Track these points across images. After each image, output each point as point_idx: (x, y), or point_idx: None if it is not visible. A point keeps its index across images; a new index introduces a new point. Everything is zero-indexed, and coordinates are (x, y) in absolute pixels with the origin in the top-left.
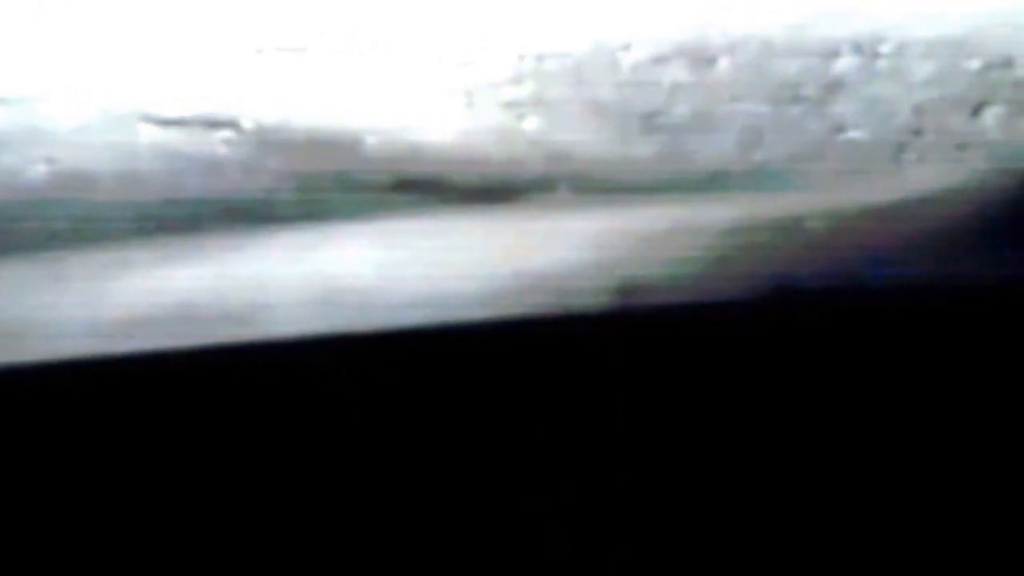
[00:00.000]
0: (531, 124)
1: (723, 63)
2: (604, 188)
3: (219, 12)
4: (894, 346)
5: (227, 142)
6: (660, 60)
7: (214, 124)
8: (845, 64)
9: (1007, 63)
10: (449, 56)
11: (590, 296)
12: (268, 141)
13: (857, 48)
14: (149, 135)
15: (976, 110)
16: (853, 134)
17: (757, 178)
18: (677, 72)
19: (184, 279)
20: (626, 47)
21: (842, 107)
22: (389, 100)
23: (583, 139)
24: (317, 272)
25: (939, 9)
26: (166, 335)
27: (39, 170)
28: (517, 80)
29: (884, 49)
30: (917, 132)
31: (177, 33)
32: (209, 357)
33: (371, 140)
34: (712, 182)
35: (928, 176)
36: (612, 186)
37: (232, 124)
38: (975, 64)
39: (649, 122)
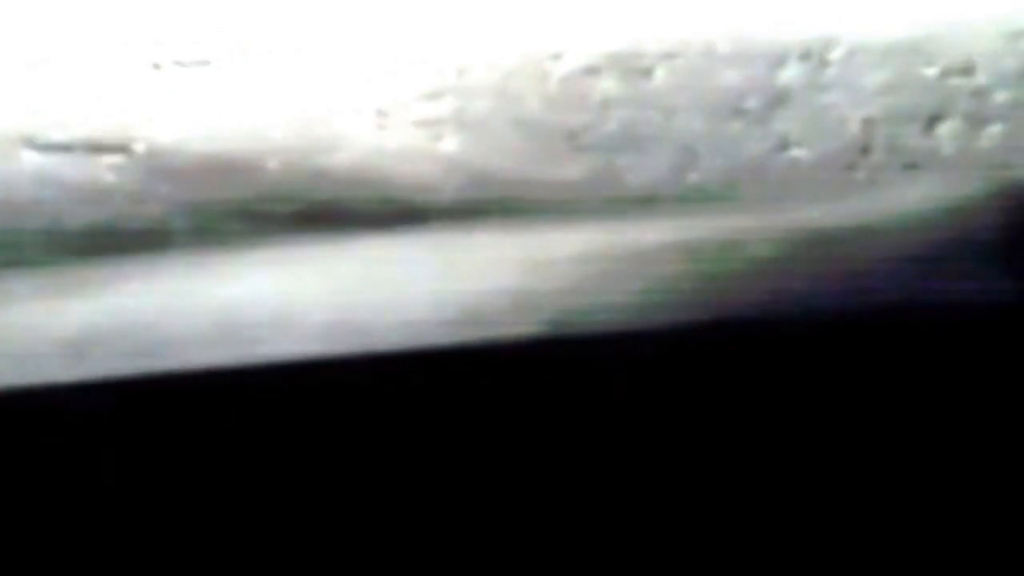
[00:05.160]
0: (450, 145)
1: (660, 74)
2: (529, 211)
3: (110, 23)
4: (836, 373)
5: (115, 168)
6: (592, 71)
7: (102, 149)
8: (791, 73)
9: (966, 70)
10: (361, 71)
11: (515, 325)
12: (161, 167)
13: (805, 55)
14: (31, 162)
15: (930, 124)
16: (797, 152)
17: (694, 199)
18: (610, 84)
19: (70, 312)
20: (556, 57)
21: (786, 122)
22: (296, 119)
23: (506, 158)
24: (216, 302)
25: (894, 11)
26: (56, 369)
27: None
28: (435, 96)
29: (834, 56)
30: (865, 149)
31: (63, 48)
32: (101, 391)
33: (274, 164)
34: (646, 204)
35: (877, 196)
36: (538, 208)
37: (122, 148)
38: (931, 72)
39: (579, 140)
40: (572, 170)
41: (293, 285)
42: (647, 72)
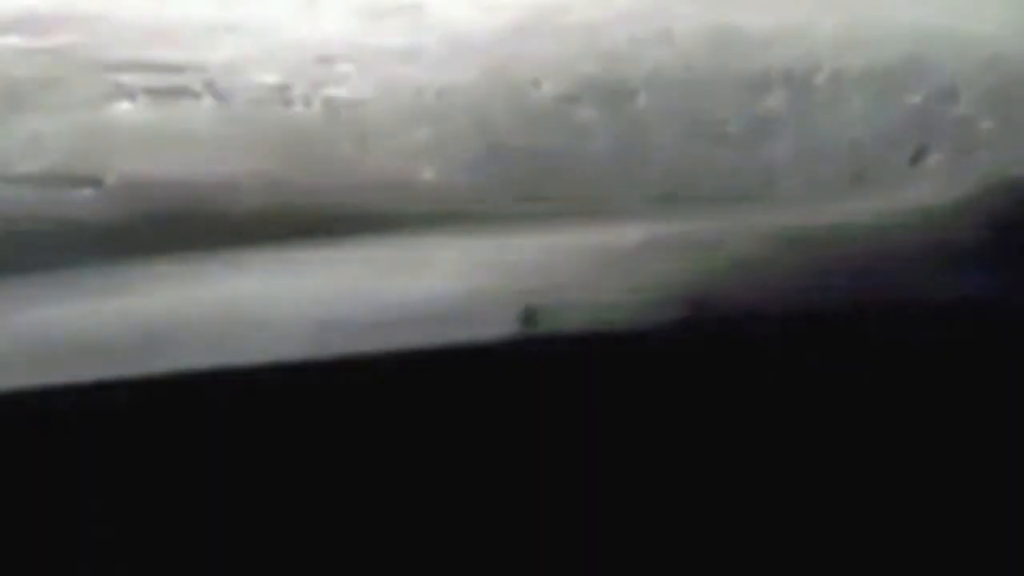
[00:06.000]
0: (428, 173)
1: (641, 99)
2: (503, 217)
3: (80, 50)
4: (822, 374)
5: (87, 200)
6: (571, 98)
7: (72, 181)
8: (774, 100)
9: (950, 96)
10: (341, 94)
11: (489, 326)
12: (133, 199)
13: (788, 80)
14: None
15: (915, 158)
16: (783, 181)
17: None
18: (589, 111)
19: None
20: (535, 83)
21: (770, 151)
22: (273, 146)
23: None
24: (196, 304)
25: (877, 33)
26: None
27: None
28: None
29: (818, 80)
30: (854, 179)
31: (29, 71)
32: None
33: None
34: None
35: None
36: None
37: (93, 181)
38: (915, 98)
39: (558, 167)
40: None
41: (275, 291)
42: (629, 97)
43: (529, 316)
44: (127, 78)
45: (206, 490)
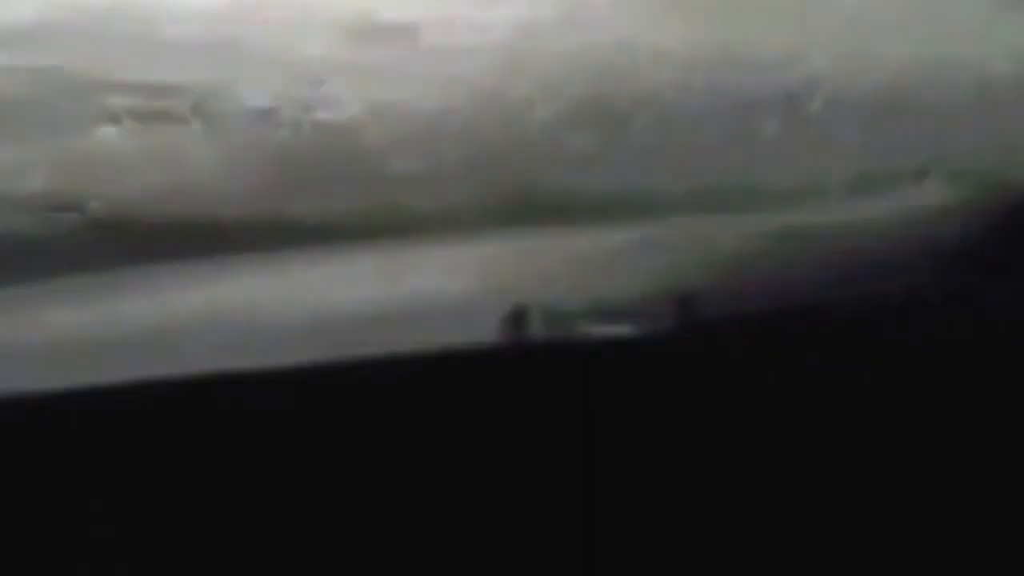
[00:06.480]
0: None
1: (637, 123)
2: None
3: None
4: (821, 373)
5: (68, 227)
6: (562, 121)
7: (55, 207)
8: (770, 127)
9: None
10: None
11: (478, 329)
12: (118, 227)
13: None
14: None
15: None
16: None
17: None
18: (580, 138)
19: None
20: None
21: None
22: (260, 172)
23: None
24: (191, 308)
25: (873, 56)
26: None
27: None
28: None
29: (814, 106)
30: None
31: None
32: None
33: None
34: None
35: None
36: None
37: (76, 207)
38: (912, 125)
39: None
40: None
41: (255, 293)
42: (623, 122)
43: (519, 318)
44: (113, 100)
45: (200, 494)
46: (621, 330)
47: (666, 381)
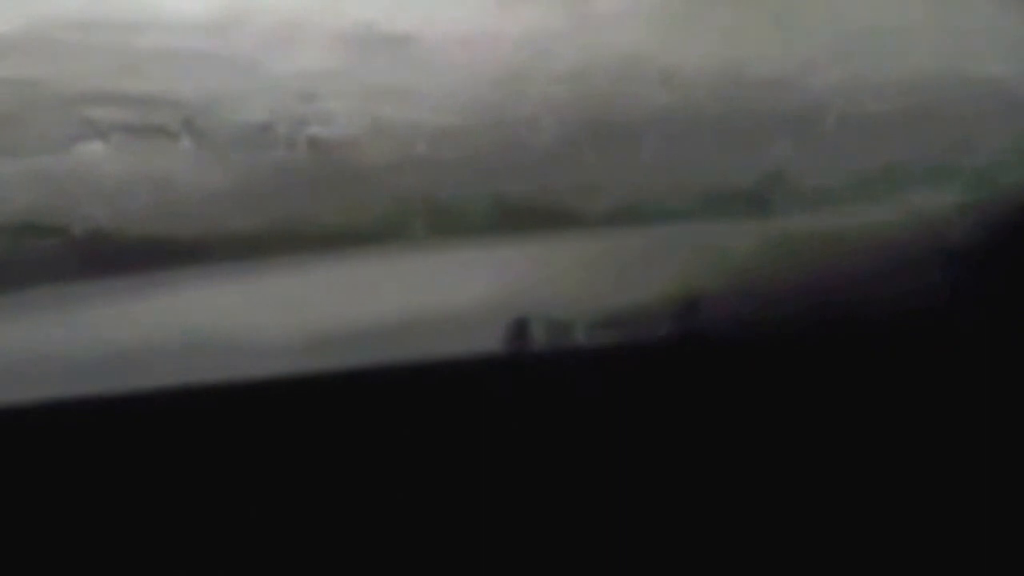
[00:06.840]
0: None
1: (644, 144)
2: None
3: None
4: (821, 378)
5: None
6: (569, 141)
7: (36, 231)
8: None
9: (966, 147)
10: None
11: (481, 339)
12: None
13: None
14: None
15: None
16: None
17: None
18: (586, 155)
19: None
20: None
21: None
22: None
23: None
24: (177, 321)
25: (887, 76)
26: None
27: None
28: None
29: (827, 124)
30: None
31: None
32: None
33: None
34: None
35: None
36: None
37: (59, 231)
38: (927, 148)
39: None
40: None
41: (249, 303)
42: (628, 142)
43: (521, 329)
44: (99, 113)
45: (196, 499)
46: (625, 337)
47: (674, 386)
